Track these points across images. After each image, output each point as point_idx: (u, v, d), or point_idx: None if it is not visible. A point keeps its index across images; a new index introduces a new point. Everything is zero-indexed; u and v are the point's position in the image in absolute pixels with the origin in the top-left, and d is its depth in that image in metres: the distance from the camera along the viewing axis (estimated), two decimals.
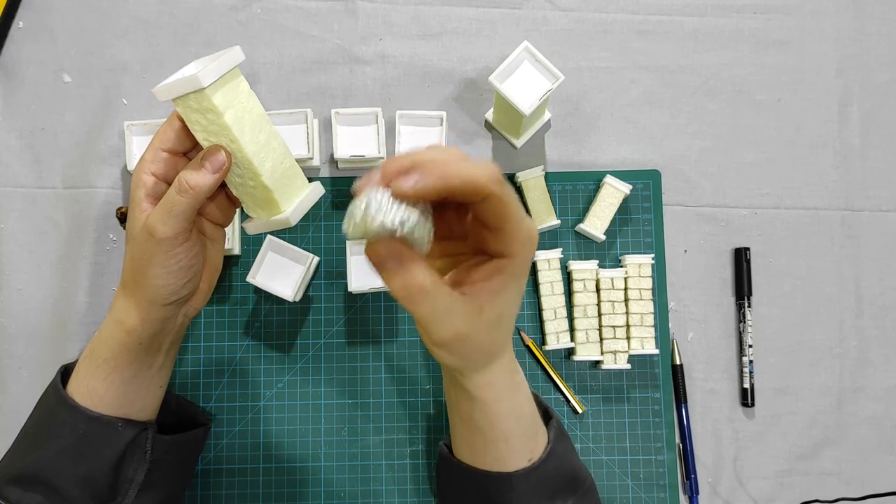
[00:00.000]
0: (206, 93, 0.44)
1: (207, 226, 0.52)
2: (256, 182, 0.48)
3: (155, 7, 0.71)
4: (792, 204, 0.71)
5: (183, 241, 0.48)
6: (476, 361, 0.45)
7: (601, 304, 0.67)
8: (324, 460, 0.67)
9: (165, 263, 0.48)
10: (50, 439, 0.51)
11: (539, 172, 0.68)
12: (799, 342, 0.69)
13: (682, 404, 0.68)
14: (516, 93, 0.60)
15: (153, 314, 0.50)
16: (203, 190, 0.46)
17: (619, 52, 0.71)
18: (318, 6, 0.71)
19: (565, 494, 0.52)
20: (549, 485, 0.51)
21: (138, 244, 0.48)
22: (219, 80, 0.45)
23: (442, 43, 0.71)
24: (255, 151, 0.47)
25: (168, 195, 0.47)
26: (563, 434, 0.55)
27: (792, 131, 0.71)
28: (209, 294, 0.55)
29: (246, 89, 0.48)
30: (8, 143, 0.70)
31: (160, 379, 0.55)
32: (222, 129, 0.46)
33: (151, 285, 0.49)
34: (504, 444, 0.50)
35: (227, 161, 0.47)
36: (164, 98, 0.47)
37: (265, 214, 0.50)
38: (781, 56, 0.72)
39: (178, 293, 0.50)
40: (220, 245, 0.54)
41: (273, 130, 0.49)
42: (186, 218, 0.47)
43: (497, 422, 0.49)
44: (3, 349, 0.68)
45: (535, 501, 0.51)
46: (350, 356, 0.68)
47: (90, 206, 0.69)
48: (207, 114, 0.46)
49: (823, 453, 0.68)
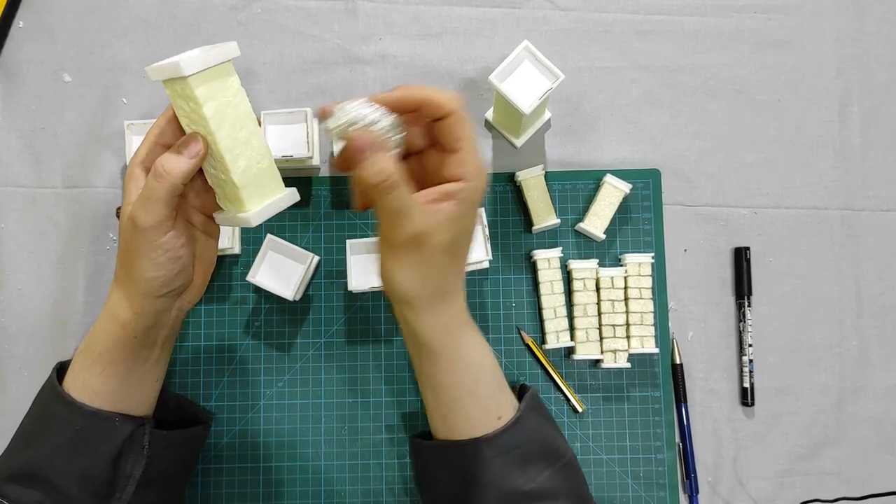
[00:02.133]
0: (189, 81, 0.45)
1: (198, 217, 0.52)
2: (227, 177, 0.48)
3: (155, 7, 0.71)
4: (792, 204, 0.71)
5: (166, 231, 0.48)
6: (428, 288, 0.47)
7: (601, 303, 0.67)
8: (324, 460, 0.67)
9: (151, 255, 0.48)
10: (47, 436, 0.51)
11: (539, 172, 0.68)
12: (799, 342, 0.69)
13: (681, 404, 0.68)
14: (516, 92, 0.60)
15: (146, 307, 0.50)
16: (178, 175, 0.46)
17: (619, 52, 0.71)
18: (318, 6, 0.71)
19: (540, 465, 0.51)
20: (519, 452, 0.51)
21: (126, 235, 0.49)
22: (206, 72, 0.45)
23: (442, 43, 0.71)
24: (230, 147, 0.47)
25: (146, 183, 0.47)
26: (539, 406, 0.55)
27: (792, 131, 0.71)
28: (203, 288, 0.55)
29: (236, 85, 0.48)
30: (8, 143, 0.70)
31: (156, 373, 0.55)
32: (201, 119, 0.47)
33: (141, 278, 0.49)
34: (469, 396, 0.51)
35: (203, 148, 0.47)
36: (155, 77, 0.47)
37: (233, 209, 0.50)
38: (781, 56, 0.72)
39: (169, 285, 0.50)
40: (214, 239, 0.54)
41: (256, 130, 0.49)
42: (166, 204, 0.47)
43: (458, 372, 0.50)
44: (3, 349, 0.68)
45: (506, 470, 0.50)
46: (350, 356, 0.68)
47: (90, 205, 0.69)
48: (189, 101, 0.46)
49: (823, 453, 0.68)
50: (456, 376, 0.51)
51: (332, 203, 0.69)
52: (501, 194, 0.69)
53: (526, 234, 0.69)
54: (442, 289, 0.48)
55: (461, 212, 0.45)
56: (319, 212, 0.69)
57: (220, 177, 0.49)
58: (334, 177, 0.69)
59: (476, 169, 0.45)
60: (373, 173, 0.43)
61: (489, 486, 0.50)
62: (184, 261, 0.50)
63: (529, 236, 0.69)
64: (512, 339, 0.68)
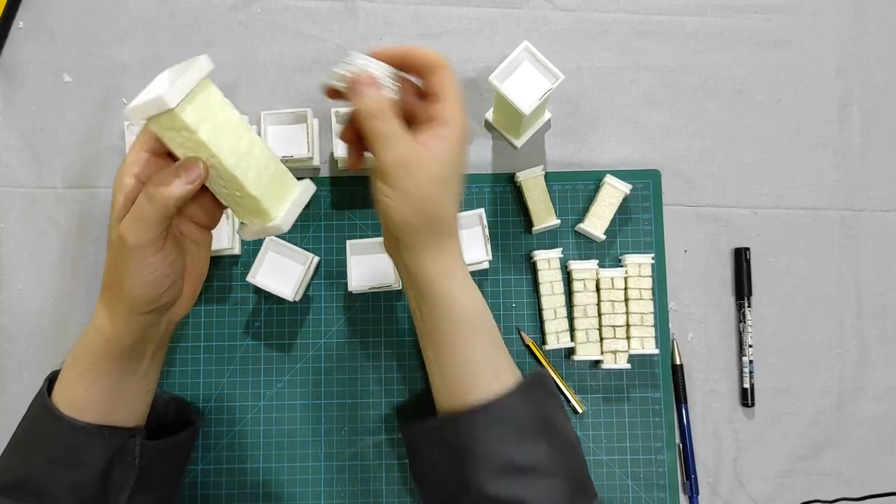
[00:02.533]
0: (176, 112, 0.43)
1: (191, 229, 0.51)
2: (243, 193, 0.47)
3: (155, 7, 0.71)
4: (792, 204, 0.71)
5: (156, 251, 0.47)
6: (420, 218, 0.48)
7: (601, 303, 0.67)
8: (324, 460, 0.67)
9: (139, 273, 0.47)
10: (38, 448, 0.51)
11: (539, 172, 0.68)
12: (799, 342, 0.69)
13: (682, 404, 0.68)
14: (516, 92, 0.60)
15: (132, 323, 0.49)
16: (173, 199, 0.45)
17: (619, 52, 0.71)
18: (318, 6, 0.71)
19: (538, 440, 0.51)
20: (516, 424, 0.50)
21: (113, 250, 0.48)
22: (188, 96, 0.44)
23: (442, 43, 0.71)
24: (236, 163, 0.46)
25: (138, 202, 0.46)
26: (543, 385, 0.54)
27: (792, 131, 0.71)
28: (193, 300, 0.54)
29: (218, 99, 0.46)
30: (8, 143, 0.70)
31: (146, 384, 0.54)
32: (199, 146, 0.45)
33: (127, 295, 0.48)
34: (466, 346, 0.51)
35: (203, 174, 0.46)
36: (138, 117, 0.45)
37: (258, 221, 0.49)
38: (781, 56, 0.72)
39: (156, 302, 0.49)
40: (206, 249, 0.53)
41: (253, 137, 0.48)
42: (157, 227, 0.46)
43: (455, 318, 0.51)
44: (3, 349, 0.68)
45: (501, 440, 0.49)
46: (350, 356, 0.68)
47: (90, 205, 0.69)
48: (181, 131, 0.44)
49: (823, 453, 0.68)
50: (454, 323, 0.51)
51: (332, 203, 0.69)
52: (501, 195, 0.69)
53: (526, 234, 0.69)
54: (434, 223, 0.49)
55: (446, 151, 0.48)
56: (319, 212, 0.69)
57: (234, 194, 0.48)
58: (334, 177, 0.69)
59: (460, 114, 0.49)
60: (368, 103, 0.47)
61: (484, 457, 0.49)
62: (172, 278, 0.49)
63: (529, 237, 0.69)
64: (512, 340, 0.68)
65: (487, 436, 0.50)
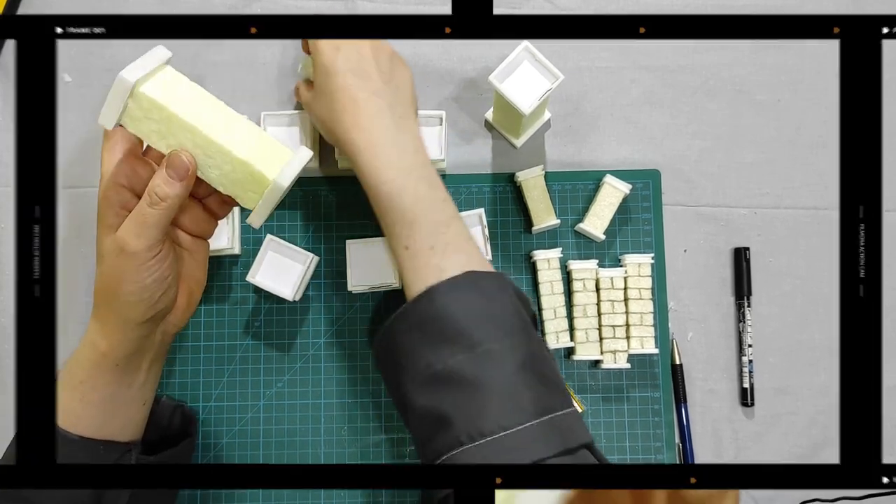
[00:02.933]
0: (141, 91, 0.43)
1: (185, 238, 0.51)
2: (232, 161, 0.46)
3: (155, 7, 0.71)
4: (792, 204, 0.71)
5: (155, 254, 0.47)
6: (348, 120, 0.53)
7: (601, 303, 0.67)
8: (324, 460, 0.67)
9: (138, 278, 0.47)
10: None
11: (539, 172, 0.68)
12: (799, 342, 0.69)
13: (681, 404, 0.68)
14: (516, 92, 0.60)
15: (128, 334, 0.49)
16: (175, 199, 0.46)
17: (619, 52, 0.71)
18: (317, 6, 0.71)
19: (454, 347, 0.46)
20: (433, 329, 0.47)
21: (108, 261, 0.47)
22: (152, 81, 0.44)
23: (442, 42, 0.71)
24: (218, 132, 0.46)
25: (139, 207, 0.46)
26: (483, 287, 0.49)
27: (792, 131, 0.71)
28: (189, 311, 0.54)
29: (186, 82, 0.46)
30: (8, 143, 0.70)
31: (142, 396, 0.54)
32: (174, 122, 0.44)
33: (124, 303, 0.48)
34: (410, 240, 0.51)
35: (191, 164, 0.46)
36: (110, 122, 0.45)
37: (256, 190, 0.48)
38: (781, 56, 0.72)
39: (153, 308, 0.49)
40: (202, 258, 0.53)
41: (234, 114, 0.47)
42: (160, 230, 0.46)
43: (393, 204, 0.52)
44: (3, 349, 0.68)
45: (418, 346, 0.48)
46: (350, 356, 0.68)
47: (90, 206, 0.69)
48: (152, 113, 0.44)
49: (823, 453, 0.68)
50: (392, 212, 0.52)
51: (332, 203, 0.69)
52: (501, 195, 0.69)
53: (526, 234, 0.69)
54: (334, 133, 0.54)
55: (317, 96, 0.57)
56: (319, 212, 0.69)
57: (224, 168, 0.47)
58: (334, 177, 0.69)
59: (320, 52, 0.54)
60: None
61: (408, 367, 0.48)
62: (168, 282, 0.49)
63: (529, 237, 0.69)
64: None
65: (406, 342, 0.48)
